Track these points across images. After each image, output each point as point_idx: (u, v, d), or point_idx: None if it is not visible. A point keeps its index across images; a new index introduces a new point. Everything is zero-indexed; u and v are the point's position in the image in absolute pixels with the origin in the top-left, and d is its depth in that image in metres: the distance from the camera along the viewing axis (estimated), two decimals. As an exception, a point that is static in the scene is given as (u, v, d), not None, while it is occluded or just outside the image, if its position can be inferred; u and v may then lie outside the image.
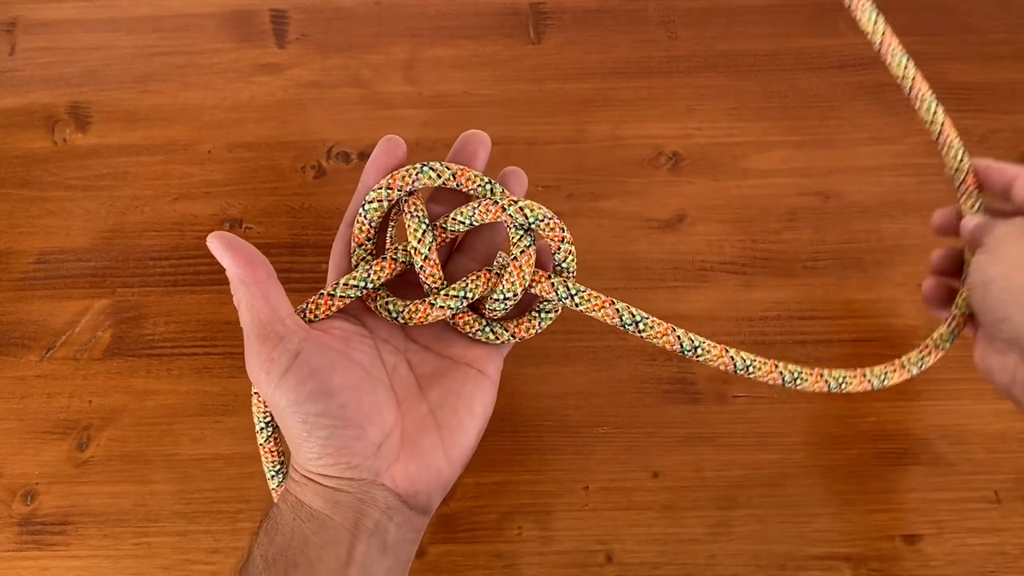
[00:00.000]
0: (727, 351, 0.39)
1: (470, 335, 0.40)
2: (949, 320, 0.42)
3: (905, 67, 0.40)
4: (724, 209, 0.57)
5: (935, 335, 0.42)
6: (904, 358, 0.42)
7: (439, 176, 0.38)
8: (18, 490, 0.51)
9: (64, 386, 0.53)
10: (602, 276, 0.55)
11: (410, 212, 0.38)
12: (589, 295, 0.39)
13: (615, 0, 0.64)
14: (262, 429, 0.40)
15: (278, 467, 0.41)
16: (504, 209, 0.38)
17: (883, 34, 0.40)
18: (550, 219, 0.38)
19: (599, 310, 0.39)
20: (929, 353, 0.42)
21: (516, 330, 0.40)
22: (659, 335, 0.39)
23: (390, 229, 0.41)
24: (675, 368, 0.53)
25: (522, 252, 0.38)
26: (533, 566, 0.49)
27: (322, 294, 0.38)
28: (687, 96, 0.61)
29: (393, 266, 0.39)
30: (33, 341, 0.54)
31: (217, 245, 0.37)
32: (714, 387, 0.53)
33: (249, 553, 0.36)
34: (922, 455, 0.51)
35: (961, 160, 0.41)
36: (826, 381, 0.40)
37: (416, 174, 0.38)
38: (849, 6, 0.40)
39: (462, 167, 0.39)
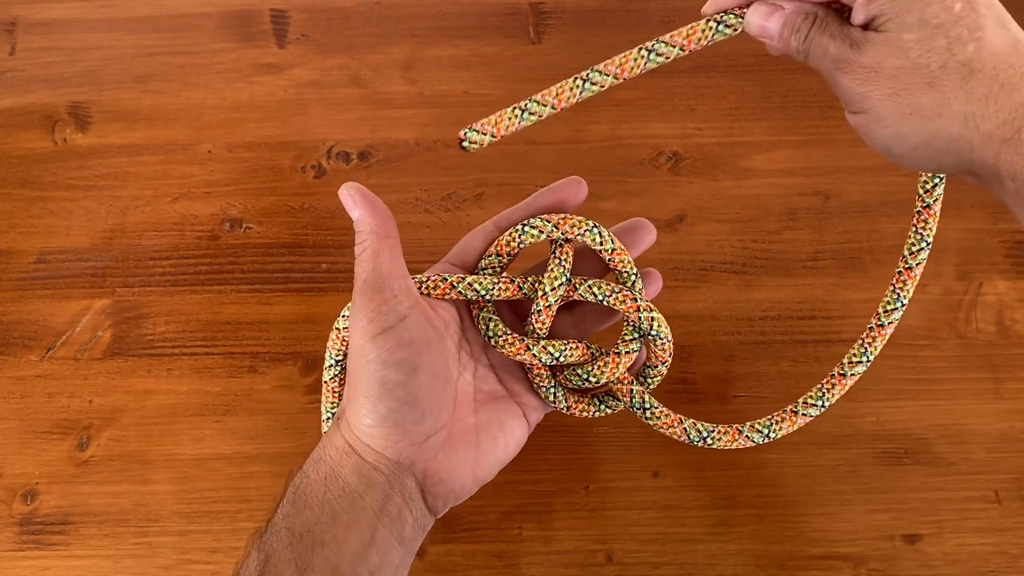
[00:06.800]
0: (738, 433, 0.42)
1: (535, 385, 0.41)
2: None
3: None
4: (724, 209, 0.57)
5: None
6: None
7: (541, 232, 0.39)
8: (18, 490, 0.51)
9: (64, 386, 0.53)
10: (602, 276, 0.55)
11: (558, 259, 0.39)
12: (661, 412, 0.41)
13: (615, 0, 0.64)
14: (331, 366, 0.40)
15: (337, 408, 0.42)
16: (639, 310, 0.39)
17: None
18: (668, 341, 0.39)
19: (667, 428, 0.41)
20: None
21: (574, 406, 0.41)
22: (728, 443, 0.42)
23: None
24: (675, 368, 0.53)
25: (627, 352, 0.40)
26: (533, 566, 0.49)
27: (446, 279, 0.38)
28: (687, 96, 0.61)
29: (516, 293, 0.39)
30: (33, 341, 0.54)
31: (352, 195, 0.37)
32: (714, 387, 0.53)
33: (270, 521, 0.36)
34: (922, 455, 0.51)
35: None
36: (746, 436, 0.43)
37: (519, 236, 0.39)
38: None
39: (563, 216, 0.39)
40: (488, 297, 0.39)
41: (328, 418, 0.42)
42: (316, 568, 0.34)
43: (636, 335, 0.40)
